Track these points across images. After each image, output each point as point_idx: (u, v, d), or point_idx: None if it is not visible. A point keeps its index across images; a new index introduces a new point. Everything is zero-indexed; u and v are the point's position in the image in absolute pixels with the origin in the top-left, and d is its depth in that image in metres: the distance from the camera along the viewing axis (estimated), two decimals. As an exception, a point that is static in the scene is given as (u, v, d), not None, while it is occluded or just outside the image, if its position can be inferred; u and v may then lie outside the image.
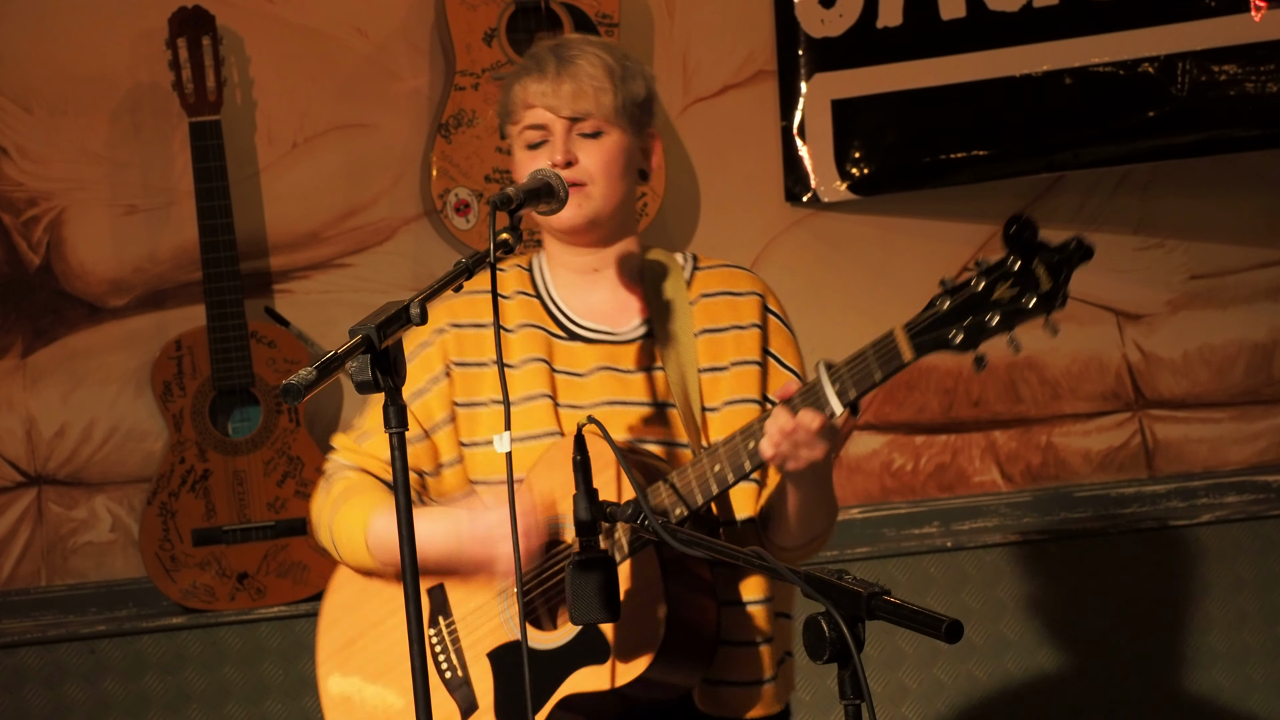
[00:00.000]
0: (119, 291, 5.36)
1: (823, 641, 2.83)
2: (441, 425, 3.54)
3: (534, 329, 3.54)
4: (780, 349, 3.58)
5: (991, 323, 3.04)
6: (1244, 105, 5.25)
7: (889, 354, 3.15)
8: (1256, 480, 5.68)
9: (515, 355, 3.52)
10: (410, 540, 2.93)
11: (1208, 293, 5.71)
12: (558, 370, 3.51)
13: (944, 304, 3.09)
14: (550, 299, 3.57)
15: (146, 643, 5.19)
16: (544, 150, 3.48)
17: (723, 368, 3.52)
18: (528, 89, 3.48)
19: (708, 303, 3.56)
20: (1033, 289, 3.01)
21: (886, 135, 5.49)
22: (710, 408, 3.49)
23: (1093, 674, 5.44)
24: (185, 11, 5.24)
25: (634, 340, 3.54)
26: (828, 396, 3.20)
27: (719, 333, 3.54)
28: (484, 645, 3.45)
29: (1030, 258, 3.00)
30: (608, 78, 3.47)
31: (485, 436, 3.50)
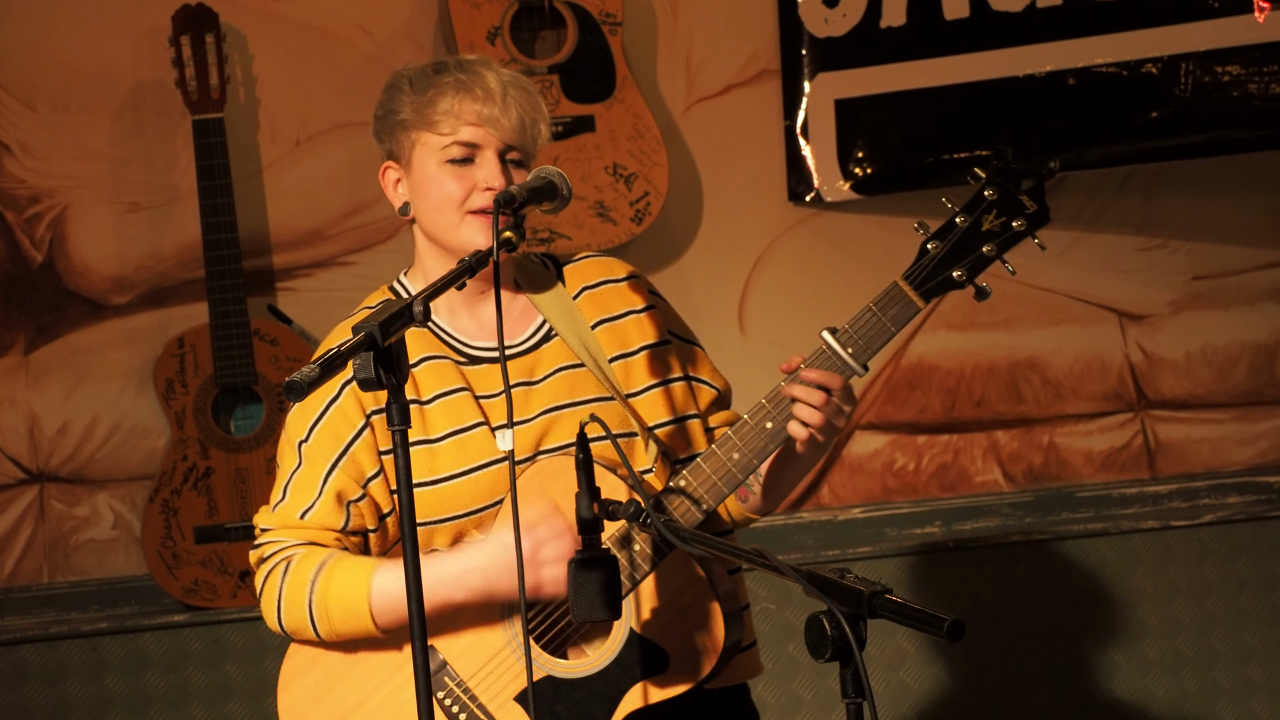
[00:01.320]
0: (121, 289, 5.36)
1: (825, 640, 2.83)
2: (373, 478, 3.44)
3: (437, 360, 3.47)
4: (679, 328, 3.59)
5: (989, 253, 3.26)
6: (1247, 106, 5.25)
7: (900, 305, 3.28)
8: (1258, 481, 5.68)
9: (426, 391, 3.44)
10: (413, 538, 2.92)
11: (1210, 293, 5.71)
12: (480, 396, 3.44)
13: (935, 247, 3.26)
14: (439, 328, 3.50)
15: (148, 640, 5.19)
16: (472, 169, 3.40)
17: (632, 352, 3.51)
18: (464, 105, 3.42)
19: (592, 294, 3.54)
20: (1019, 212, 3.25)
21: (890, 135, 5.49)
22: (633, 393, 3.48)
23: (1093, 673, 5.43)
24: (189, 9, 5.24)
25: (536, 346, 3.50)
26: (846, 360, 3.29)
27: (617, 320, 3.53)
28: (509, 692, 3.39)
29: (1012, 186, 3.21)
30: (540, 118, 3.46)
31: (422, 477, 3.39)
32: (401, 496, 2.92)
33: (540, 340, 3.50)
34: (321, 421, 3.45)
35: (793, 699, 5.29)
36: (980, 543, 5.46)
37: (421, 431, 3.42)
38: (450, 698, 3.41)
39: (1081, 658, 5.43)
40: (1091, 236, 5.67)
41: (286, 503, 3.46)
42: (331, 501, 3.43)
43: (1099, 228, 5.65)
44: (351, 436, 3.43)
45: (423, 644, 2.91)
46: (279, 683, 3.53)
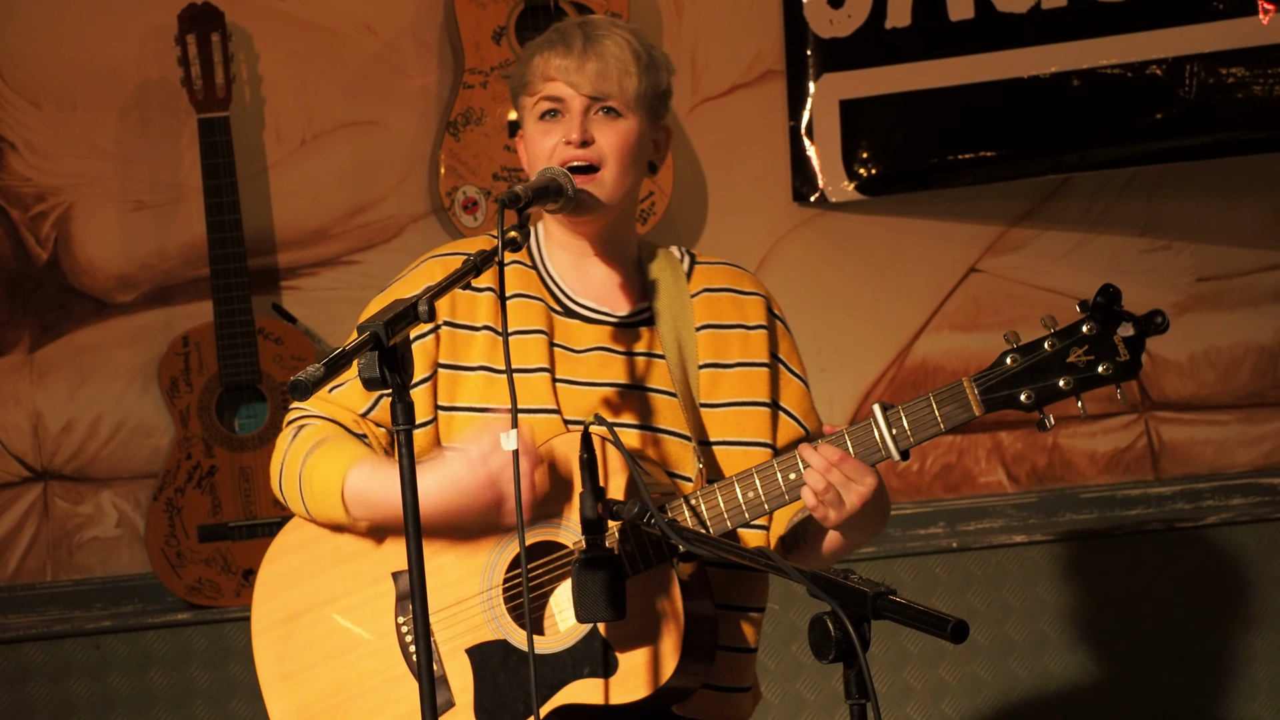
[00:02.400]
0: (126, 287, 5.37)
1: (828, 641, 2.83)
2: (420, 384, 3.43)
3: (531, 300, 3.47)
4: (787, 355, 3.53)
5: (1064, 387, 3.10)
6: (1251, 108, 5.25)
7: (958, 405, 3.15)
8: (1262, 483, 5.68)
9: (512, 323, 3.44)
10: (416, 536, 2.92)
11: (1214, 295, 5.71)
12: (556, 344, 3.45)
13: (1014, 361, 3.11)
14: (547, 272, 3.51)
15: (151, 638, 5.19)
16: (559, 123, 3.41)
17: (727, 365, 3.47)
18: (549, 62, 3.41)
19: (711, 297, 3.51)
20: (1110, 358, 3.09)
21: (894, 136, 5.49)
22: (709, 404, 3.45)
23: (1097, 675, 5.44)
24: (194, 8, 5.24)
25: (633, 325, 3.48)
26: (886, 440, 3.19)
27: (723, 329, 3.49)
28: (463, 641, 3.37)
29: (1111, 327, 3.06)
30: (634, 61, 3.42)
31: (467, 402, 3.41)
32: (405, 496, 2.92)
33: (639, 321, 3.48)
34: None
35: (796, 700, 5.29)
36: (984, 544, 5.46)
37: (489, 359, 3.42)
38: (408, 626, 3.39)
39: (1084, 659, 5.44)
40: (1096, 238, 5.67)
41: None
42: (359, 385, 3.28)
43: (1103, 229, 5.65)
44: (413, 337, 3.40)
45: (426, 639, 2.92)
46: (267, 553, 3.50)
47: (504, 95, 5.32)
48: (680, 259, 3.56)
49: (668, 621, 3.28)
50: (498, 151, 5.33)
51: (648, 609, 3.29)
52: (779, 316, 3.55)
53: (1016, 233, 5.65)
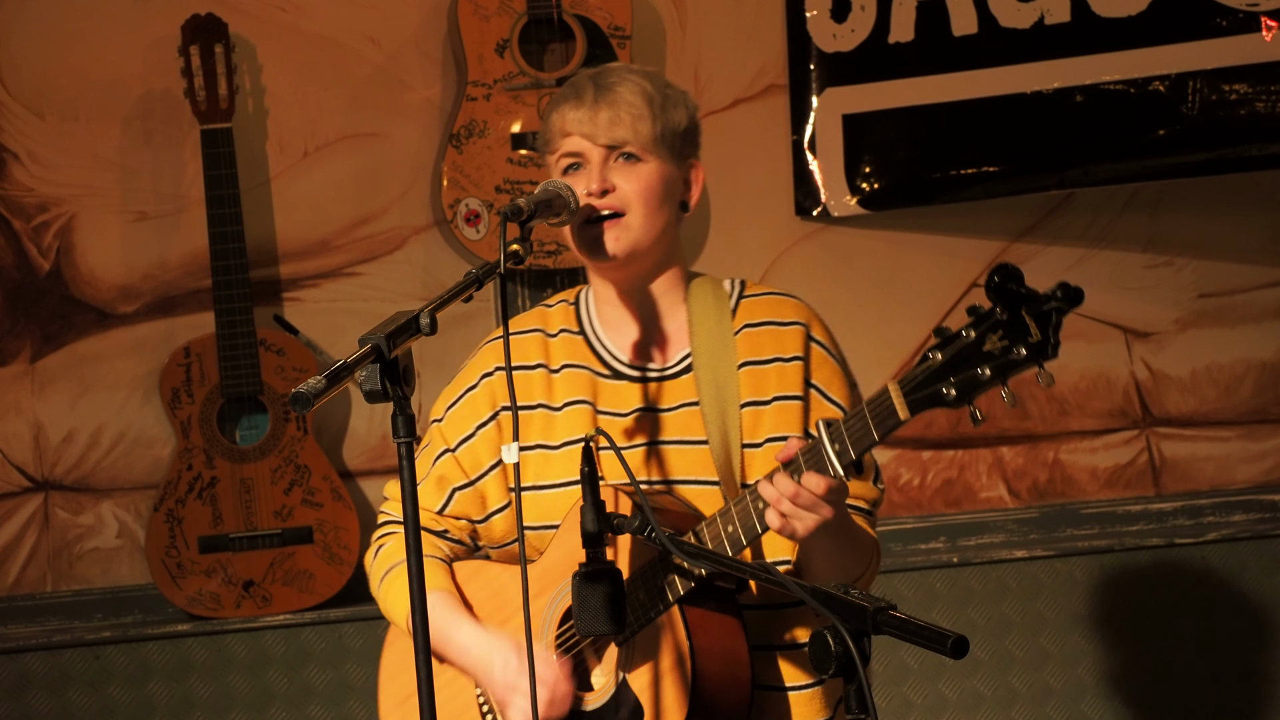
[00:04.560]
0: (128, 298, 5.37)
1: (828, 655, 2.83)
2: (488, 472, 3.50)
3: (578, 369, 3.48)
4: (824, 381, 3.46)
5: (983, 376, 2.91)
6: (1254, 124, 5.25)
7: (884, 412, 3.02)
8: (1263, 499, 5.68)
9: (559, 397, 3.46)
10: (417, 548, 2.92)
11: (1216, 311, 5.71)
12: (601, 411, 3.45)
13: (937, 356, 2.95)
14: (595, 336, 3.51)
15: (151, 649, 5.19)
16: (580, 176, 3.39)
17: (765, 402, 3.42)
18: (565, 116, 3.40)
19: (751, 333, 3.47)
20: (1022, 339, 2.85)
21: (897, 150, 5.49)
22: (751, 444, 3.41)
23: (1097, 691, 5.43)
24: (198, 19, 5.25)
25: (676, 375, 3.46)
26: (830, 457, 3.10)
27: (762, 365, 3.44)
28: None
29: (1017, 308, 2.85)
30: (646, 105, 3.40)
31: (531, 482, 3.44)
32: (406, 508, 2.92)
33: (680, 370, 3.47)
34: (455, 407, 3.53)
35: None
36: (985, 559, 5.46)
37: (545, 436, 3.45)
38: (484, 699, 3.46)
39: (1085, 675, 5.43)
40: (1098, 253, 5.67)
41: None
42: (433, 483, 3.51)
43: (1105, 245, 5.65)
44: (475, 427, 3.50)
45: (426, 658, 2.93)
46: (388, 636, 3.65)
47: (507, 108, 5.32)
48: (730, 293, 3.53)
49: (677, 672, 3.27)
50: (500, 164, 5.33)
51: (660, 657, 3.29)
52: (819, 342, 3.49)
53: (1019, 248, 5.65)
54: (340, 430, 5.39)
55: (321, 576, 5.22)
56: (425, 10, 5.43)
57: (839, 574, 3.34)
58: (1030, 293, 2.84)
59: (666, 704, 3.26)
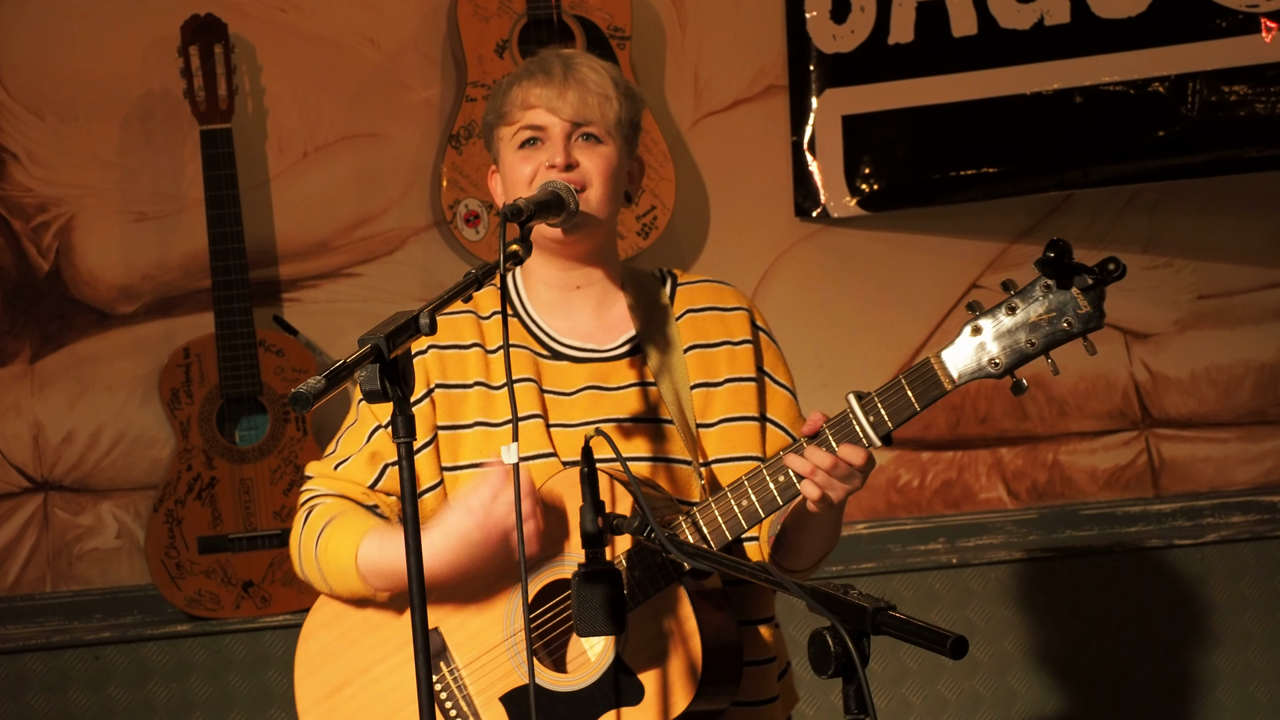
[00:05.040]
0: (128, 298, 5.37)
1: (828, 656, 2.83)
2: (421, 449, 3.48)
3: (517, 349, 3.49)
4: (772, 366, 3.55)
5: (1031, 347, 3.07)
6: (1254, 125, 5.25)
7: (928, 383, 3.13)
8: (1262, 500, 5.68)
9: (498, 377, 3.47)
10: (417, 549, 2.92)
11: (1215, 312, 5.71)
12: (546, 390, 3.47)
13: (978, 329, 3.08)
14: (530, 317, 3.52)
15: (151, 650, 5.19)
16: (539, 150, 3.43)
17: (716, 383, 3.48)
18: (529, 91, 3.44)
19: (695, 318, 3.53)
20: (1071, 311, 3.05)
21: (897, 151, 5.49)
22: (704, 424, 3.46)
23: (1096, 692, 5.43)
24: (198, 19, 5.25)
25: (621, 357, 3.50)
26: (865, 429, 3.18)
27: (710, 348, 3.50)
28: (496, 690, 3.40)
29: (1067, 280, 3.02)
30: (614, 88, 3.45)
31: (469, 460, 3.45)
32: (406, 508, 2.92)
33: (626, 352, 3.50)
34: None
35: (795, 714, 5.28)
36: (984, 560, 5.46)
37: (485, 414, 3.45)
38: (442, 684, 3.43)
39: (1084, 675, 5.43)
40: (1097, 254, 5.61)
41: (334, 454, 3.55)
42: (365, 458, 3.50)
43: (1105, 246, 5.65)
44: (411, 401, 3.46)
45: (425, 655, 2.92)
46: (301, 631, 3.58)
47: (506, 109, 5.32)
48: (663, 281, 3.58)
49: (685, 645, 3.28)
50: (500, 165, 5.33)
51: (664, 634, 3.29)
52: (763, 329, 3.57)
53: (1018, 249, 5.65)
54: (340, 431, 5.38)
55: (321, 577, 5.22)
56: (425, 11, 5.43)
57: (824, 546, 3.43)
58: (1082, 265, 3.02)
59: (673, 681, 3.27)
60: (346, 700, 3.51)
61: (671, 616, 3.29)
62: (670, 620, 3.29)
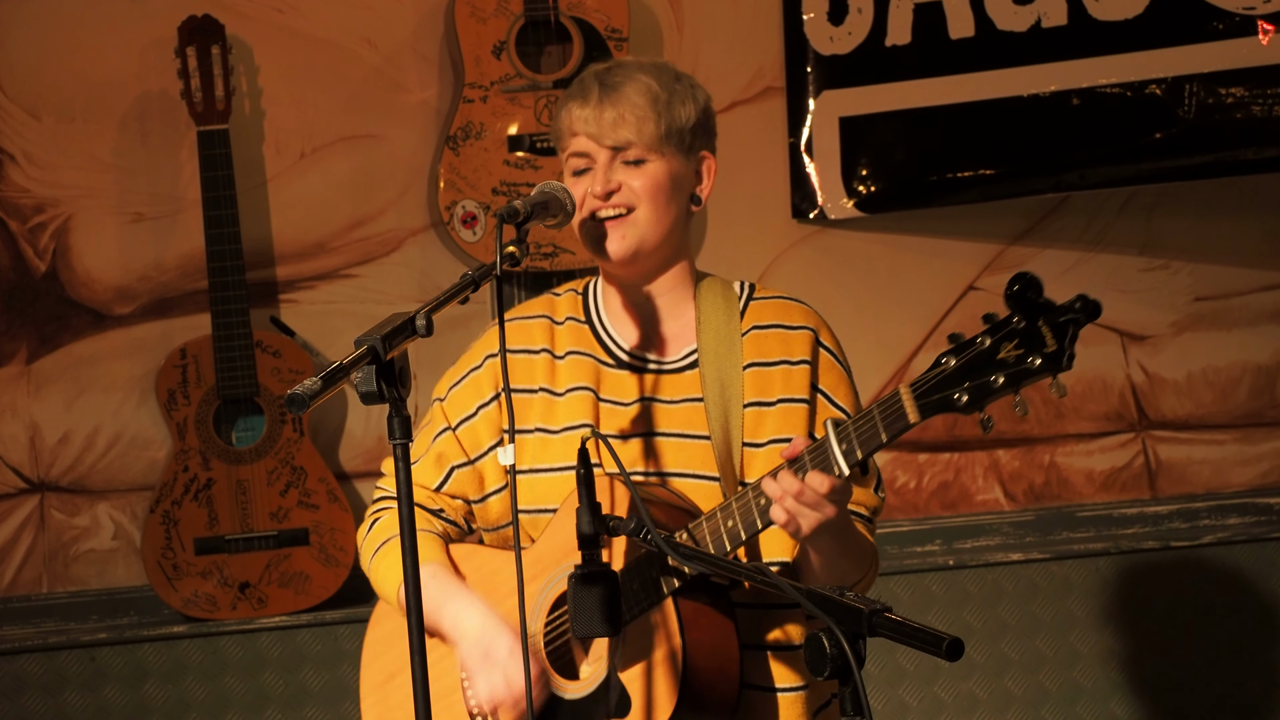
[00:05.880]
0: (124, 299, 5.37)
1: (824, 658, 2.83)
2: (488, 452, 3.51)
3: (582, 356, 3.50)
4: (831, 386, 3.49)
5: (996, 384, 2.99)
6: (1251, 128, 5.25)
7: (894, 415, 3.07)
8: (1259, 502, 5.68)
9: (562, 383, 3.48)
10: (413, 551, 2.92)
11: (1212, 315, 5.71)
12: (603, 399, 3.47)
13: (950, 362, 3.02)
14: (601, 324, 3.52)
15: (147, 651, 5.19)
16: (586, 178, 3.41)
17: (769, 403, 3.44)
18: (572, 115, 3.42)
19: (758, 335, 3.49)
20: (1038, 349, 2.93)
21: (894, 153, 5.49)
22: (753, 443, 3.43)
23: (1092, 694, 5.43)
24: (195, 20, 5.25)
25: (680, 370, 3.48)
26: (836, 457, 3.13)
27: (767, 367, 3.46)
28: None
29: (1035, 317, 2.92)
30: (651, 106, 3.40)
31: (526, 465, 3.46)
32: (402, 510, 2.92)
33: (685, 365, 3.49)
34: (458, 386, 3.55)
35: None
36: (980, 561, 5.46)
37: (546, 420, 3.47)
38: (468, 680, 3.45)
39: (1080, 678, 5.43)
40: (1094, 256, 5.67)
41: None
42: (432, 460, 3.53)
43: (1102, 248, 5.65)
44: (476, 406, 3.52)
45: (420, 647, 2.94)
46: (372, 615, 3.66)
47: (504, 110, 5.32)
48: (739, 295, 3.54)
49: (670, 663, 3.27)
50: (497, 166, 5.33)
51: (652, 649, 3.29)
52: (827, 348, 3.52)
53: (1015, 251, 5.65)
54: (336, 432, 5.38)
55: (317, 578, 5.22)
56: (422, 12, 5.43)
57: (837, 578, 3.36)
58: (1049, 303, 2.91)
59: (656, 696, 3.27)
60: (399, 688, 3.54)
61: (662, 632, 3.28)
62: (660, 636, 3.28)
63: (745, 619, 3.36)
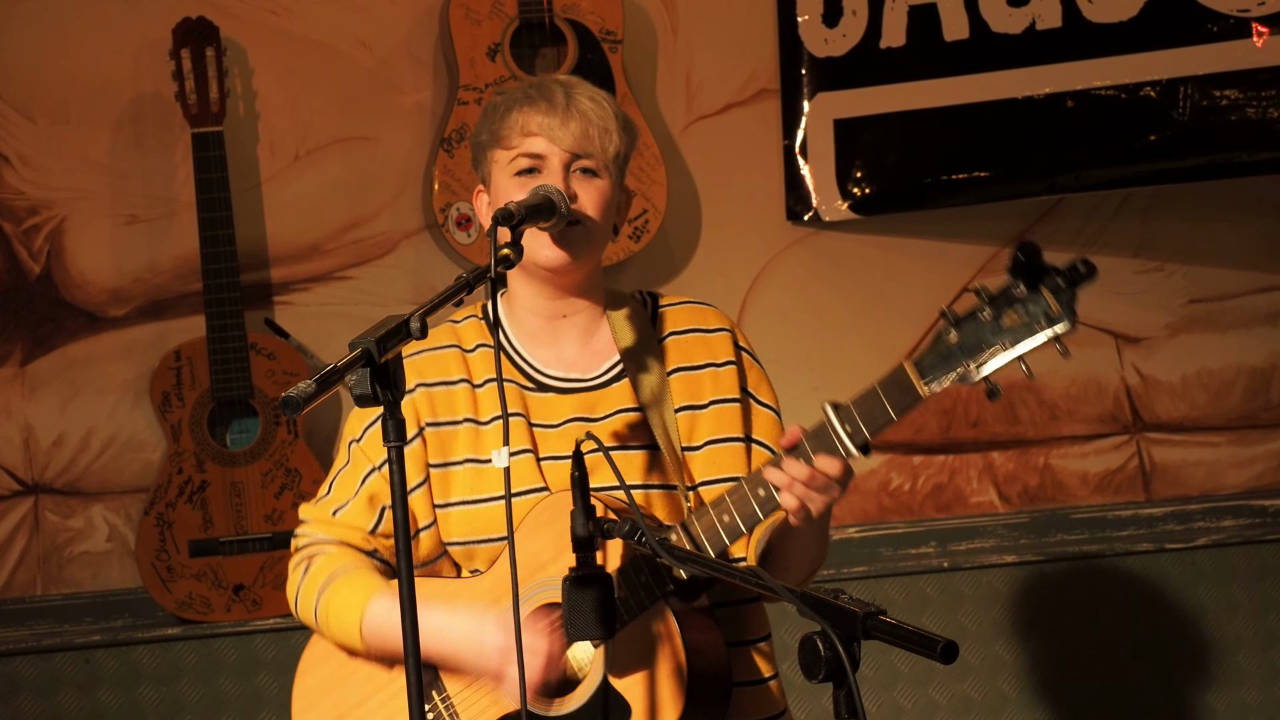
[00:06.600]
0: (119, 301, 5.36)
1: (818, 661, 2.82)
2: (416, 489, 3.46)
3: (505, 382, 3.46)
4: (755, 387, 3.54)
5: (1003, 349, 3.02)
6: (1245, 130, 5.25)
7: (901, 390, 3.09)
8: (1253, 504, 5.68)
9: (486, 412, 3.46)
10: (408, 553, 2.92)
11: (1207, 316, 5.71)
12: (534, 424, 3.45)
13: (951, 336, 3.05)
14: (514, 349, 3.51)
15: (141, 653, 5.19)
16: (535, 179, 3.40)
17: (701, 406, 3.47)
18: (530, 118, 3.41)
19: (678, 340, 3.51)
20: (1042, 314, 2.99)
21: (888, 155, 5.49)
22: (690, 447, 3.45)
23: (1087, 696, 5.44)
24: (189, 22, 5.25)
25: (605, 384, 3.48)
26: (841, 439, 3.15)
27: (694, 370, 3.49)
28: (489, 715, 3.40)
29: (1036, 283, 2.97)
30: (614, 121, 3.43)
31: (460, 497, 3.44)
32: (396, 513, 2.92)
33: (611, 379, 3.49)
34: (375, 425, 3.47)
35: (786, 718, 5.28)
36: (975, 564, 5.46)
37: (475, 450, 3.44)
38: (433, 712, 3.43)
39: (1074, 679, 5.44)
40: (1089, 258, 5.66)
41: (328, 498, 3.52)
42: (364, 502, 3.48)
43: (1096, 250, 5.65)
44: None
45: (416, 661, 2.92)
46: (298, 667, 3.59)
47: (498, 112, 5.32)
48: (644, 304, 3.56)
49: (671, 665, 3.27)
50: (492, 168, 5.33)
51: (651, 653, 3.28)
52: (745, 349, 3.56)
53: (1010, 253, 5.65)
54: (331, 434, 5.38)
55: (312, 580, 5.22)
56: (417, 14, 5.43)
57: (812, 560, 3.42)
58: (1052, 266, 2.96)
59: (660, 700, 3.26)
60: None
61: (658, 635, 3.28)
62: (657, 639, 3.28)
63: (721, 618, 3.38)
